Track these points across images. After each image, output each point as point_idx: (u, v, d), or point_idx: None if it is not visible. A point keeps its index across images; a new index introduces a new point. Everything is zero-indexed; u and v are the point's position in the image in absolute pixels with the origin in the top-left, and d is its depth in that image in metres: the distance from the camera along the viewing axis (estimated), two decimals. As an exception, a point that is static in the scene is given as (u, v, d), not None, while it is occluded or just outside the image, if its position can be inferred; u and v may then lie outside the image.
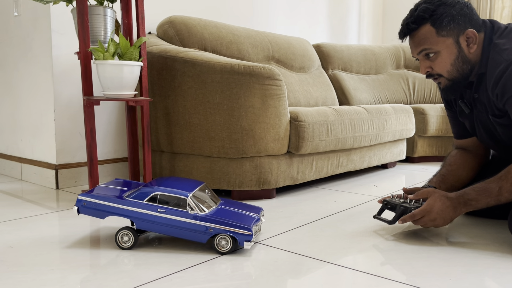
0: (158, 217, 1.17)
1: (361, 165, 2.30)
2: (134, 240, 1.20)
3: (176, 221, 1.16)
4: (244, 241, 1.13)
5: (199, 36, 2.24)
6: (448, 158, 1.48)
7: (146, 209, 1.17)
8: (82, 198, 1.21)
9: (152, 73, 1.88)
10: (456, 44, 1.22)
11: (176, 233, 1.17)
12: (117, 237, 1.20)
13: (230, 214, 1.20)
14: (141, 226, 1.18)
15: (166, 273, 1.04)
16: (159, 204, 1.17)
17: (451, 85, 1.26)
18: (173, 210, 1.17)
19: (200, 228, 1.15)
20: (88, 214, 1.21)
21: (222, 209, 1.24)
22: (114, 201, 1.19)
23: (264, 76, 1.69)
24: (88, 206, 1.20)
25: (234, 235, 1.14)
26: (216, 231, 1.14)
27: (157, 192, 1.18)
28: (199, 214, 1.16)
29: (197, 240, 1.16)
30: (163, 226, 1.17)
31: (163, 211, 1.17)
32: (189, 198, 1.17)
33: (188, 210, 1.16)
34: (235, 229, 1.14)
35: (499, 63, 1.14)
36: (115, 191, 1.25)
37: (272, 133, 1.74)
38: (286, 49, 2.75)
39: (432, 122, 2.78)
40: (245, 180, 1.76)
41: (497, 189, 1.16)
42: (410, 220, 1.23)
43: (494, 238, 1.30)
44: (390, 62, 3.39)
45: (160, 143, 1.93)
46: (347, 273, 1.04)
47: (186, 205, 1.16)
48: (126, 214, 1.18)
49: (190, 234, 1.16)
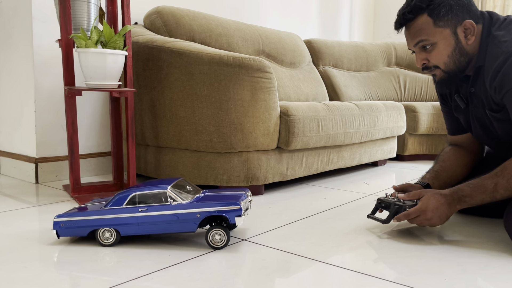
0: (142, 217, 1.12)
1: (351, 162, 2.26)
2: (116, 237, 1.15)
3: (160, 216, 1.11)
4: (235, 217, 1.09)
5: (188, 27, 2.17)
6: (442, 155, 1.44)
7: (127, 212, 1.13)
8: (59, 219, 1.16)
9: (138, 64, 1.81)
10: (454, 35, 1.18)
11: (164, 229, 1.12)
12: (98, 233, 1.14)
13: (215, 197, 1.16)
14: (126, 231, 1.13)
15: (147, 271, 0.99)
16: (140, 205, 1.13)
17: (446, 78, 1.22)
18: (155, 206, 1.12)
19: (187, 216, 1.10)
20: (69, 235, 1.16)
21: (205, 195, 1.20)
22: (93, 213, 1.14)
23: (254, 68, 1.64)
24: (67, 226, 1.16)
25: (224, 214, 1.09)
26: (204, 214, 1.10)
27: (134, 193, 1.14)
28: (183, 203, 1.12)
29: (187, 230, 1.11)
30: (148, 225, 1.12)
31: (145, 209, 1.12)
32: (168, 190, 1.13)
33: (170, 202, 1.12)
34: (223, 207, 1.09)
35: (498, 55, 1.10)
36: (92, 207, 1.20)
37: (261, 128, 1.68)
38: (277, 43, 2.69)
39: (423, 120, 2.76)
40: (233, 176, 1.70)
41: (492, 186, 1.12)
42: (404, 219, 1.19)
43: (489, 236, 1.26)
44: (381, 59, 3.36)
45: (145, 137, 1.86)
46: (337, 272, 1.00)
47: (167, 197, 1.12)
48: (108, 223, 1.13)
49: (178, 226, 1.11)
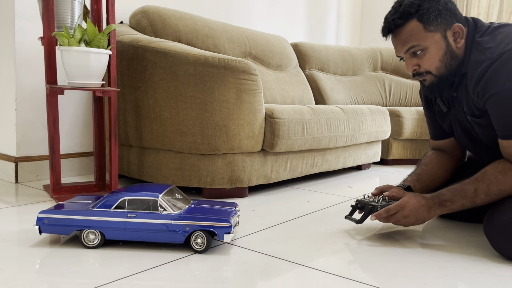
0: (129, 223, 1.10)
1: (336, 166, 2.27)
2: (100, 240, 1.12)
3: (149, 224, 1.09)
4: (224, 234, 1.08)
5: (174, 27, 2.16)
6: (424, 158, 1.46)
7: (115, 216, 1.10)
8: (43, 215, 1.12)
9: (122, 63, 1.79)
10: (444, 39, 1.18)
11: (151, 237, 1.10)
12: (82, 234, 1.12)
13: (205, 210, 1.15)
14: (112, 235, 1.11)
15: (126, 274, 0.97)
16: (129, 210, 1.11)
17: (437, 82, 1.22)
18: (145, 213, 1.10)
19: (176, 228, 1.09)
20: (52, 232, 1.13)
21: (196, 207, 1.18)
22: (79, 213, 1.11)
23: (239, 70, 1.63)
24: (50, 223, 1.12)
25: (213, 229, 1.08)
26: (193, 228, 1.08)
27: (125, 198, 1.11)
28: (173, 213, 1.10)
29: (174, 241, 1.10)
30: (136, 232, 1.10)
31: (134, 215, 1.10)
32: (160, 198, 1.11)
33: (160, 211, 1.10)
34: (212, 222, 1.08)
35: (481, 62, 1.11)
36: (79, 205, 1.17)
37: (246, 130, 1.68)
38: (264, 46, 2.69)
39: (408, 125, 2.78)
40: (216, 178, 1.69)
41: (472, 191, 1.13)
42: (385, 214, 1.20)
43: (469, 241, 1.28)
44: (367, 64, 3.39)
45: (128, 137, 1.84)
46: (319, 276, 0.99)
47: (158, 206, 1.10)
48: (94, 225, 1.11)
49: (166, 236, 1.09)
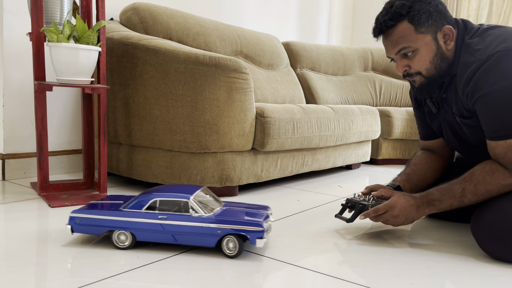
0: (160, 224, 1.07)
1: (326, 165, 2.27)
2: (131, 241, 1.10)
3: (180, 226, 1.06)
4: (256, 238, 1.03)
5: (165, 25, 2.14)
6: (414, 158, 1.47)
7: (145, 218, 1.07)
8: (75, 215, 1.11)
9: (112, 60, 1.78)
10: (435, 41, 1.19)
11: (182, 240, 1.07)
12: (114, 235, 1.09)
13: (237, 213, 1.11)
14: (142, 237, 1.08)
15: (114, 272, 0.96)
16: (160, 211, 1.08)
17: (426, 83, 1.23)
18: (176, 215, 1.07)
19: (208, 231, 1.05)
20: (83, 232, 1.12)
21: (227, 209, 1.14)
22: (111, 214, 1.09)
23: (230, 69, 1.62)
24: (82, 223, 1.10)
25: (245, 233, 1.04)
26: (225, 231, 1.04)
27: (156, 199, 1.08)
28: (204, 216, 1.06)
29: (205, 244, 1.06)
30: (166, 234, 1.07)
31: (165, 217, 1.07)
32: (191, 200, 1.07)
33: (191, 213, 1.07)
34: (245, 226, 1.04)
35: (471, 63, 1.12)
36: (111, 205, 1.15)
37: (237, 129, 1.67)
38: (255, 44, 2.69)
39: (397, 125, 2.80)
40: (206, 177, 1.68)
41: (460, 190, 1.14)
42: (373, 214, 1.20)
43: (457, 241, 1.29)
44: (358, 64, 3.40)
45: (118, 135, 1.82)
46: (308, 275, 0.99)
47: (189, 208, 1.07)
48: (125, 226, 1.08)
49: (197, 239, 1.06)
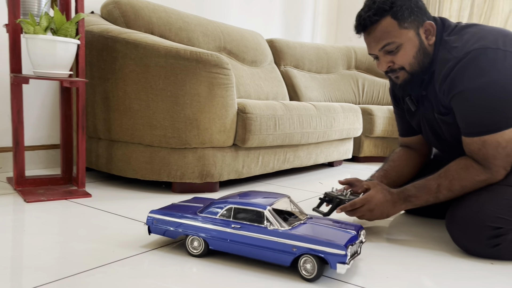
0: (232, 234, 0.99)
1: (307, 162, 2.28)
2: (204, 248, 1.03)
3: (252, 238, 0.97)
4: (337, 263, 0.90)
5: (147, 19, 2.12)
6: (392, 155, 1.48)
7: (219, 225, 1.01)
8: (153, 215, 1.08)
9: (92, 54, 1.75)
10: (418, 36, 1.20)
11: (253, 254, 0.97)
12: (187, 240, 1.04)
13: (318, 229, 0.98)
14: (215, 245, 1.01)
15: (88, 267, 0.95)
16: (234, 219, 1.00)
17: (409, 79, 1.24)
18: (250, 226, 0.98)
19: (281, 247, 0.94)
20: (159, 234, 1.08)
21: (309, 224, 1.02)
22: (185, 218, 1.05)
23: (211, 64, 1.62)
24: (159, 224, 1.07)
25: (323, 256, 0.90)
26: (301, 250, 0.92)
27: (231, 206, 1.01)
28: (279, 230, 0.95)
29: (279, 262, 0.95)
30: (238, 245, 0.98)
31: (238, 227, 0.99)
32: (266, 211, 0.98)
33: (266, 225, 0.97)
34: (324, 247, 0.90)
35: (448, 60, 1.14)
36: (190, 208, 1.10)
37: (218, 124, 1.66)
38: (239, 41, 2.68)
39: (379, 123, 2.83)
40: (187, 172, 1.67)
41: (435, 186, 1.16)
42: (350, 208, 1.21)
43: (433, 236, 1.31)
44: (341, 62, 3.42)
45: (97, 130, 1.80)
46: (284, 270, 0.99)
47: (264, 219, 0.97)
48: (198, 232, 1.02)
49: (269, 255, 0.96)
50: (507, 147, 1.09)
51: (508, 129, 1.08)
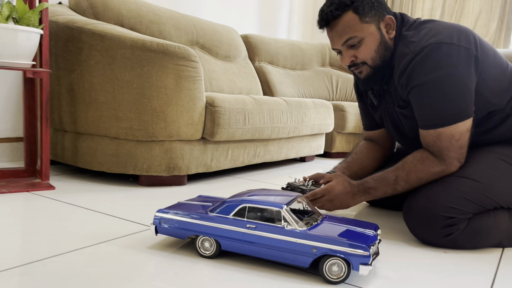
0: (247, 234, 0.94)
1: (278, 157, 2.30)
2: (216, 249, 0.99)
3: (269, 239, 0.92)
4: (360, 265, 0.86)
5: (116, 11, 2.10)
6: (356, 148, 1.51)
7: (232, 225, 0.96)
8: (160, 215, 1.03)
9: (57, 45, 1.72)
10: (378, 30, 1.22)
11: (270, 255, 0.93)
12: (198, 241, 1.00)
13: (337, 230, 0.94)
14: (228, 246, 0.97)
15: (41, 256, 0.94)
16: (248, 219, 0.96)
17: (372, 73, 1.26)
18: (265, 226, 0.93)
19: (300, 248, 0.90)
20: (167, 234, 1.03)
21: (326, 224, 0.98)
22: (196, 217, 1.00)
23: (178, 56, 1.61)
24: (167, 224, 1.02)
25: (345, 256, 0.87)
26: (321, 251, 0.88)
27: (245, 205, 0.96)
28: (297, 230, 0.91)
29: (298, 263, 0.91)
30: (253, 246, 0.94)
31: (253, 227, 0.94)
32: (284, 210, 0.93)
33: (284, 225, 0.92)
34: (346, 248, 0.87)
35: (406, 55, 1.16)
36: (198, 207, 1.06)
37: (185, 117, 1.66)
38: (212, 35, 2.68)
39: (351, 119, 2.86)
40: (153, 165, 1.67)
41: (393, 179, 1.19)
42: (311, 198, 1.23)
43: (392, 227, 1.33)
44: (316, 59, 3.45)
45: (62, 122, 1.77)
46: (244, 266, 1.00)
47: (281, 219, 0.93)
48: (210, 232, 0.98)
49: (288, 256, 0.92)
50: (460, 140, 1.13)
51: (461, 122, 1.12)
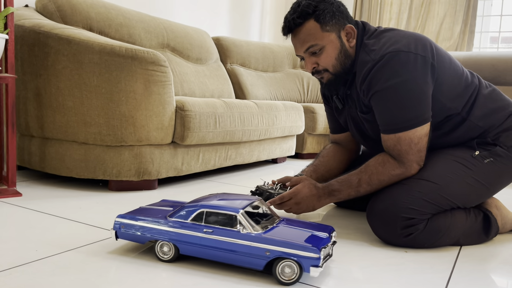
0: (204, 238, 0.96)
1: (250, 159, 2.32)
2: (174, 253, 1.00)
3: (225, 243, 0.95)
4: (310, 266, 0.89)
5: (84, 14, 2.08)
6: (323, 151, 1.55)
7: (190, 229, 0.98)
8: (120, 220, 1.04)
9: (23, 49, 1.70)
10: (339, 39, 1.26)
11: (227, 258, 0.95)
12: (156, 246, 1.01)
13: (292, 233, 0.97)
14: (186, 251, 0.98)
15: (6, 266, 0.93)
16: (206, 223, 0.97)
17: (334, 80, 1.30)
18: (222, 230, 0.95)
19: (254, 251, 0.92)
20: (127, 239, 1.04)
21: (281, 227, 1.00)
22: (155, 222, 1.01)
23: (147, 61, 1.61)
24: (127, 230, 1.03)
25: (296, 259, 0.90)
26: (274, 253, 0.91)
27: (203, 210, 0.98)
28: (252, 234, 0.94)
29: (252, 266, 0.94)
30: (211, 250, 0.96)
31: (210, 231, 0.96)
32: (239, 214, 0.96)
33: (239, 229, 0.95)
34: (297, 250, 0.90)
35: (367, 62, 1.21)
36: (158, 212, 1.07)
37: (155, 121, 1.67)
38: (183, 38, 2.68)
39: (321, 121, 2.92)
40: (123, 170, 1.66)
41: (356, 181, 1.23)
42: (279, 201, 1.26)
43: (357, 228, 1.38)
44: (287, 61, 3.49)
45: (29, 127, 1.75)
46: (208, 263, 1.02)
47: (237, 223, 0.95)
48: (169, 238, 0.99)
49: (243, 259, 0.94)
50: (419, 144, 1.18)
51: (420, 126, 1.17)
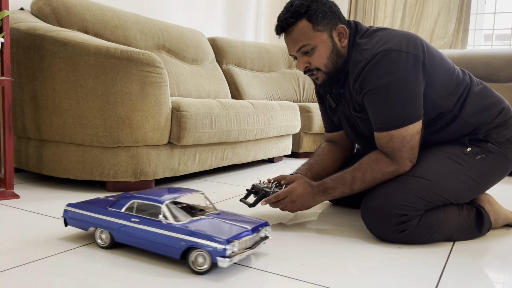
0: (131, 227, 1.02)
1: (246, 159, 2.34)
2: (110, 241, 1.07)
3: (148, 232, 1.00)
4: (217, 257, 0.92)
5: (80, 17, 2.09)
6: (318, 150, 1.57)
7: (121, 218, 1.04)
8: (68, 208, 1.13)
9: (19, 52, 1.71)
10: (331, 39, 1.28)
11: (150, 247, 1.00)
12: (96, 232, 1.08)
13: (212, 224, 1.00)
14: (120, 238, 1.05)
15: (5, 267, 0.94)
16: (137, 214, 1.03)
17: (327, 79, 1.32)
18: (146, 220, 1.01)
19: (172, 241, 0.97)
20: (74, 226, 1.13)
21: (209, 219, 1.04)
22: (96, 211, 1.08)
23: (143, 62, 1.63)
24: (73, 217, 1.12)
25: (207, 249, 0.93)
26: (188, 243, 0.95)
27: (134, 201, 1.05)
28: (173, 224, 0.98)
29: (171, 255, 0.98)
30: (136, 238, 1.02)
31: (137, 220, 1.02)
32: (163, 205, 1.00)
33: (161, 220, 0.99)
34: (206, 241, 0.93)
35: (359, 61, 1.23)
36: (105, 202, 1.13)
37: (151, 122, 1.68)
38: (179, 39, 2.69)
39: (317, 120, 2.93)
40: (120, 171, 1.68)
41: (350, 179, 1.25)
42: (274, 200, 1.28)
43: (352, 225, 1.40)
44: (282, 61, 3.51)
45: (26, 129, 1.76)
46: (206, 261, 1.04)
47: (161, 213, 1.00)
48: (105, 225, 1.06)
49: (162, 248, 0.99)
50: (411, 141, 1.20)
51: (412, 124, 1.19)
